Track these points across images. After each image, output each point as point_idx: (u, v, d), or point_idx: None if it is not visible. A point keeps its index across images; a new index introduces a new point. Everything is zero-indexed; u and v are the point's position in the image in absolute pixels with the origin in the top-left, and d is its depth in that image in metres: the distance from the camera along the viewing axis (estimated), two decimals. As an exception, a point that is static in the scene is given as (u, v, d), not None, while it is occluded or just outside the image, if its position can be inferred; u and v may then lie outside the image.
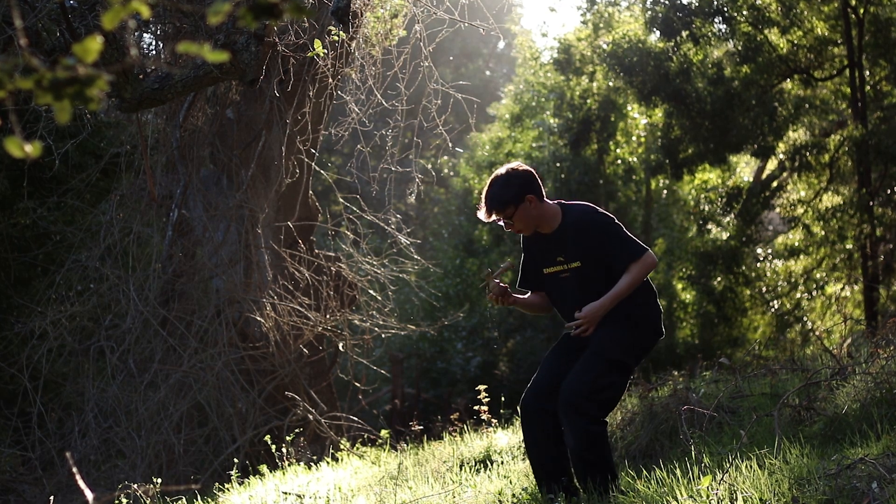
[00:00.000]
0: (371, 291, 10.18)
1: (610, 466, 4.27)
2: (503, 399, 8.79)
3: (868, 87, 14.06)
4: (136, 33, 8.86)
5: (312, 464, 7.23)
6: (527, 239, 4.52)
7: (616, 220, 4.38)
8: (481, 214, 4.35)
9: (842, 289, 15.05)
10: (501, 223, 4.36)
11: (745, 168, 17.46)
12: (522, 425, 4.43)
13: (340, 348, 9.87)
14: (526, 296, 4.60)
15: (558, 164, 17.21)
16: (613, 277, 4.31)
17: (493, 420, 7.03)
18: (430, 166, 13.28)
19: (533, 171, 4.38)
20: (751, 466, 3.91)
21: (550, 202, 4.41)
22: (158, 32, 9.03)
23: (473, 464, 6.01)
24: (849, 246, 14.36)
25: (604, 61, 15.53)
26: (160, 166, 9.22)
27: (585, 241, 4.31)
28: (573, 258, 4.35)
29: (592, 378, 4.21)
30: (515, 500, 4.58)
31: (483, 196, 4.35)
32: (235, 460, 7.15)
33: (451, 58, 28.30)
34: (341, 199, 10.30)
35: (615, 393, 4.28)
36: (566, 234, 4.35)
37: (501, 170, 4.38)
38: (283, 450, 7.32)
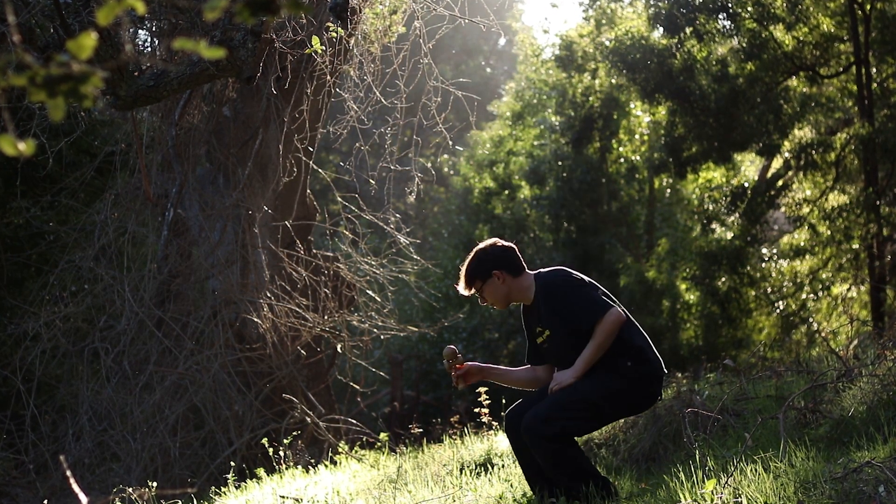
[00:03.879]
0: (370, 292, 10.11)
1: (586, 475, 4.22)
2: (504, 401, 8.68)
3: (875, 85, 13.95)
4: (131, 30, 8.80)
5: (310, 467, 7.19)
6: (521, 312, 4.62)
7: (580, 282, 4.35)
8: (459, 288, 4.50)
9: (848, 289, 14.93)
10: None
11: (749, 167, 17.35)
12: (506, 433, 4.46)
13: (339, 350, 9.81)
14: (508, 368, 4.68)
15: (560, 163, 17.13)
16: (584, 343, 4.28)
17: (493, 423, 6.96)
18: (429, 165, 13.22)
19: (512, 247, 4.50)
20: (756, 470, 3.88)
21: (529, 273, 4.48)
22: (154, 29, 8.97)
23: (474, 467, 5.98)
24: (855, 246, 14.24)
25: (606, 58, 15.42)
26: (155, 165, 9.18)
27: (553, 307, 4.35)
28: (547, 327, 4.40)
29: (557, 405, 4.20)
30: (516, 505, 4.52)
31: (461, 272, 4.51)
32: (232, 463, 7.10)
33: (453, 52, 28.24)
34: (340, 199, 10.25)
35: (575, 427, 4.25)
36: (540, 305, 4.41)
37: (480, 245, 4.55)
38: (281, 453, 7.26)
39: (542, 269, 4.52)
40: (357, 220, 9.91)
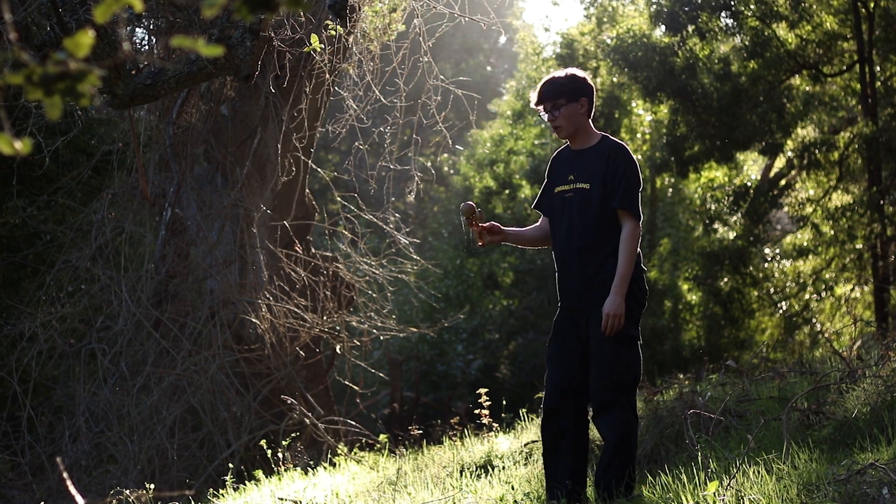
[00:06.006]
0: (369, 292, 10.06)
1: (633, 467, 4.31)
2: (504, 403, 8.64)
3: (878, 83, 13.89)
4: (128, 28, 8.75)
5: (309, 469, 7.16)
6: (555, 157, 4.60)
7: (639, 177, 4.43)
8: (532, 98, 4.45)
9: (851, 290, 14.86)
10: (546, 116, 4.43)
11: (752, 166, 17.29)
12: (542, 428, 4.44)
13: (338, 351, 9.75)
14: (521, 229, 4.69)
15: (562, 163, 17.03)
16: (605, 215, 4.33)
17: (494, 424, 6.92)
18: (429, 164, 13.14)
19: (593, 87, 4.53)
20: (758, 472, 3.87)
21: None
22: (151, 27, 8.93)
23: (474, 469, 5.95)
24: (859, 246, 14.17)
25: (608, 56, 15.36)
26: (153, 164, 9.13)
27: (607, 165, 4.36)
28: (584, 179, 4.40)
29: (609, 368, 4.26)
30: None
31: (540, 84, 4.47)
32: (230, 465, 7.07)
33: (454, 50, 28.19)
34: (339, 198, 10.21)
35: (636, 368, 4.33)
36: (593, 155, 4.43)
37: (569, 69, 4.53)
38: (279, 454, 7.22)
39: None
40: (356, 220, 9.87)
